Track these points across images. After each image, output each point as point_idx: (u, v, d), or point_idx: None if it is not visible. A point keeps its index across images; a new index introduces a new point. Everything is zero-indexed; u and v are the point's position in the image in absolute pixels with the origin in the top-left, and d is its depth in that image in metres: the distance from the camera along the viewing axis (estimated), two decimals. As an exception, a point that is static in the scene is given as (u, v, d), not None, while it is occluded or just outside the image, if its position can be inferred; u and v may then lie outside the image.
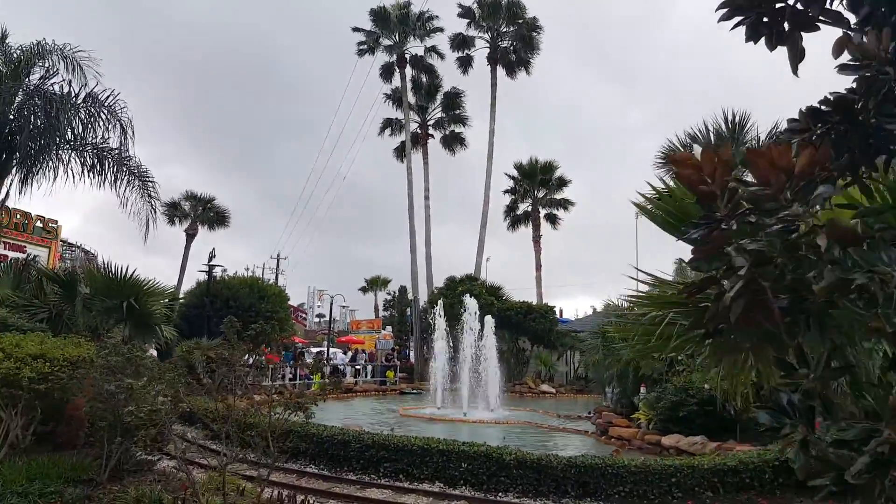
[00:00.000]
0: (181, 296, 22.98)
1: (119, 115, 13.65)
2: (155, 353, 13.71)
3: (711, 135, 15.04)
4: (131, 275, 10.98)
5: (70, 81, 13.14)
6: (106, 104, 12.62)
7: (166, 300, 11.94)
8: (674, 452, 11.68)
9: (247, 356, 8.86)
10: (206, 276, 20.35)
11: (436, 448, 8.81)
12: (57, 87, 12.73)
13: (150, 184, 14.58)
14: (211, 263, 20.20)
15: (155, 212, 14.55)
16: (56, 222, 28.21)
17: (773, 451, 8.04)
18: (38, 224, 22.91)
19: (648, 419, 12.99)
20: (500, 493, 8.12)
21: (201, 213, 40.55)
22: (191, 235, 40.34)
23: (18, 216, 22.08)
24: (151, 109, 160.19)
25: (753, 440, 11.14)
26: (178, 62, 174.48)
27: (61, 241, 53.44)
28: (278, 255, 62.36)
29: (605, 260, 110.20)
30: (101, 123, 12.66)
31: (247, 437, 8.27)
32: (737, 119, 14.76)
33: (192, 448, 10.57)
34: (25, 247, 21.74)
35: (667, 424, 12.28)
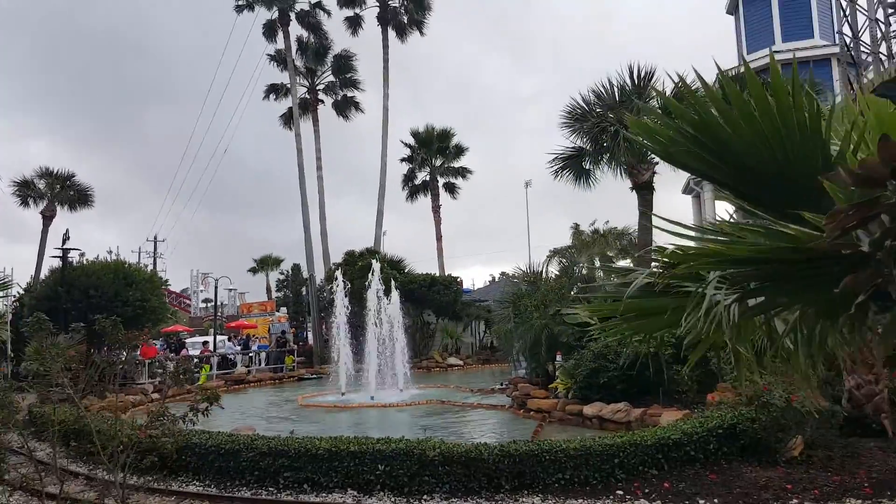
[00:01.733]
0: (29, 286, 19.58)
1: None
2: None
3: (616, 91, 14.54)
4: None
5: None
6: None
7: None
8: (596, 422, 11.17)
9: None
10: (61, 263, 17.23)
11: (346, 450, 7.46)
12: None
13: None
14: (65, 247, 17.09)
15: None
16: None
17: (715, 418, 7.48)
18: None
19: (567, 388, 12.42)
20: (424, 496, 6.96)
21: (59, 191, 35.41)
22: (48, 218, 35.12)
23: None
24: (5, 77, 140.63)
25: (676, 404, 10.84)
26: (35, 23, 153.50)
27: None
28: (155, 238, 56.97)
29: (499, 229, 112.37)
30: None
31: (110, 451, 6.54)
32: (642, 74, 14.33)
33: (44, 472, 8.50)
34: None
35: (586, 392, 11.75)
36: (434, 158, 36.68)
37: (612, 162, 14.68)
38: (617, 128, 13.80)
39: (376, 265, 20.55)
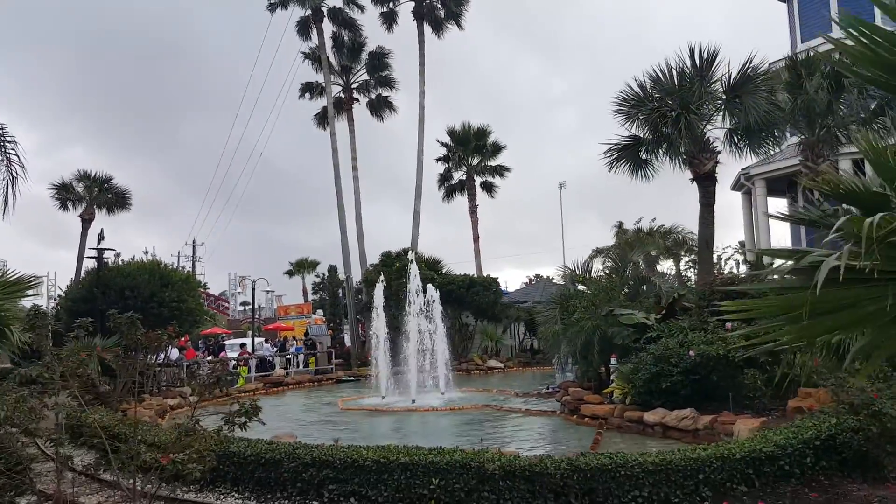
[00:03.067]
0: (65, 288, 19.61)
1: None
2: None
3: (675, 75, 13.59)
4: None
5: None
6: None
7: (18, 294, 9.12)
8: (659, 429, 10.32)
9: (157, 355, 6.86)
10: (96, 264, 17.13)
11: (395, 461, 6.81)
12: None
13: (9, 145, 11.55)
14: (100, 247, 16.97)
15: (15, 180, 11.55)
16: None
17: (809, 428, 6.59)
18: None
19: (624, 393, 11.55)
20: (484, 514, 6.26)
21: (97, 194, 35.89)
22: (87, 221, 35.62)
23: None
24: (46, 87, 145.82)
25: (747, 410, 9.91)
26: (75, 36, 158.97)
27: None
28: (194, 242, 57.78)
29: (531, 232, 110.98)
30: None
31: (149, 460, 6.05)
32: (704, 56, 13.33)
33: (77, 482, 8.12)
34: None
35: (646, 398, 10.87)
36: (471, 157, 35.97)
37: (671, 151, 13.73)
38: (679, 113, 12.86)
39: (413, 267, 19.94)
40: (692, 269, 40.78)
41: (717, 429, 9.31)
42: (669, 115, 13.11)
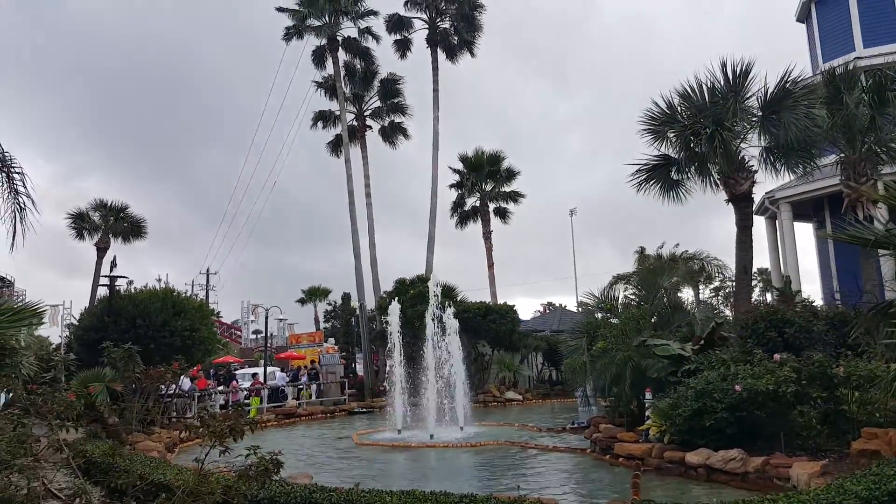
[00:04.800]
0: (77, 317, 19.19)
1: None
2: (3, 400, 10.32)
3: (706, 91, 13.09)
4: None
5: None
6: None
7: (24, 322, 8.66)
8: (703, 472, 9.49)
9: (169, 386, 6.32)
10: (108, 291, 16.72)
11: (423, 511, 6.13)
12: None
13: (17, 175, 11.17)
14: (112, 274, 16.61)
15: (23, 210, 11.14)
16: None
17: (893, 478, 5.83)
18: None
19: (661, 430, 10.75)
20: (524, 574, 5.54)
21: (113, 223, 35.85)
22: (102, 250, 35.51)
23: None
24: (62, 119, 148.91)
25: (799, 451, 9.10)
26: (88, 71, 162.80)
27: None
28: (207, 271, 57.70)
29: (540, 258, 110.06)
30: None
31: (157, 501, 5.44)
32: (737, 70, 12.81)
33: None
34: None
35: (687, 436, 10.08)
36: (484, 183, 35.64)
37: (704, 171, 13.14)
38: (714, 130, 12.29)
39: (433, 293, 19.31)
40: (716, 297, 39.94)
41: (770, 472, 8.52)
42: (703, 133, 12.54)
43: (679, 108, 13.48)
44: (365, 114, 34.40)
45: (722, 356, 10.74)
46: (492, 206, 35.97)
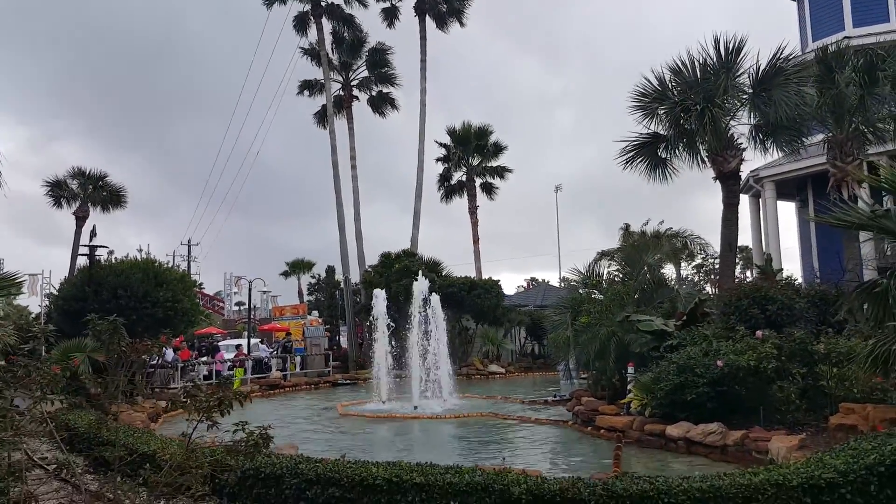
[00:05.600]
0: (56, 289, 18.86)
1: None
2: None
3: (698, 67, 12.99)
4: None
5: None
6: None
7: (4, 293, 8.44)
8: (683, 444, 9.70)
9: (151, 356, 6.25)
10: (88, 261, 16.43)
11: (409, 481, 6.17)
12: None
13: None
14: (92, 244, 16.28)
15: None
16: None
17: (870, 451, 5.98)
18: None
19: (643, 404, 10.92)
20: (508, 543, 5.61)
21: (92, 192, 35.09)
22: (81, 218, 34.81)
23: None
24: (36, 85, 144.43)
25: (778, 426, 9.28)
26: (65, 35, 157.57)
27: None
28: (189, 241, 57.04)
29: (525, 234, 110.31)
30: None
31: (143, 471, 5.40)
32: (729, 46, 12.70)
33: (62, 491, 7.44)
34: None
35: (668, 409, 10.25)
36: (471, 157, 35.39)
37: (692, 148, 13.12)
38: (704, 107, 12.23)
39: (421, 278, 19.24)
40: (697, 274, 40.34)
41: (749, 446, 8.71)
42: (693, 110, 12.48)
43: (670, 85, 13.38)
44: (352, 84, 33.78)
45: (704, 332, 10.88)
46: (478, 181, 35.80)
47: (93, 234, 16.68)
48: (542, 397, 16.59)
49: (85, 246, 16.75)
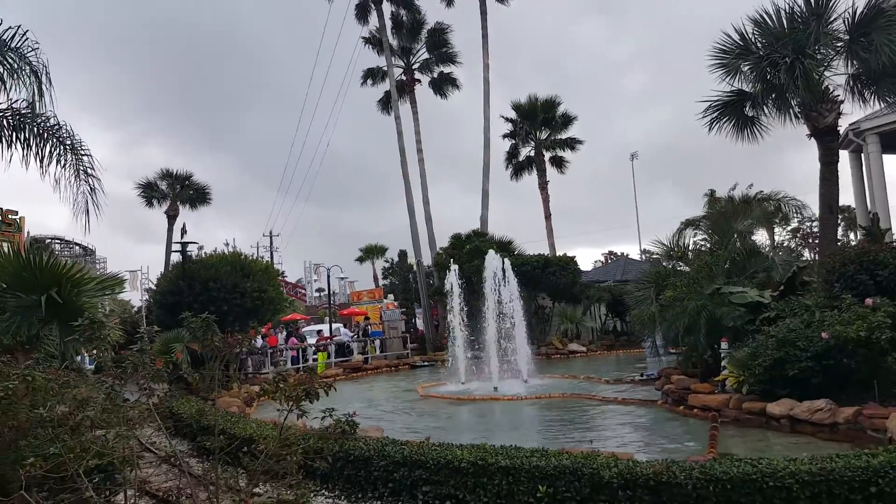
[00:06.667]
0: (154, 284, 20.11)
1: (30, 60, 10.41)
2: (90, 364, 10.87)
3: (784, 17, 11.90)
4: (49, 259, 8.07)
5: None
6: (11, 46, 9.36)
7: (108, 290, 9.05)
8: (786, 423, 9.07)
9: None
10: (181, 257, 17.43)
11: (495, 464, 6.06)
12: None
13: (85, 157, 11.48)
14: (183, 241, 17.25)
15: (94, 192, 11.49)
16: (16, 213, 25.23)
17: None
18: (-5, 217, 19.90)
19: (739, 381, 10.30)
20: (602, 530, 5.41)
21: (180, 191, 37.34)
22: (171, 217, 37.19)
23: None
24: (117, 90, 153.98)
25: (894, 401, 8.50)
26: (143, 40, 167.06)
27: (56, 238, 50.02)
28: (271, 233, 59.53)
29: (598, 206, 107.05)
30: (9, 72, 9.44)
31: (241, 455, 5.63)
32: (820, -9, 11.51)
33: (170, 473, 7.92)
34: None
35: (768, 386, 9.62)
36: (539, 131, 34.57)
37: (782, 104, 12.09)
38: (793, 59, 11.21)
39: (490, 254, 19.11)
40: (793, 240, 37.74)
41: (863, 423, 8.03)
42: (782, 63, 11.44)
43: (753, 38, 12.34)
44: (413, 67, 33.77)
45: (805, 302, 10.10)
46: (547, 155, 34.97)
47: (183, 231, 17.68)
48: (628, 376, 16.09)
49: (177, 243, 17.79)
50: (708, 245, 14.38)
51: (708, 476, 5.32)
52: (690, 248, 14.71)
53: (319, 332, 28.87)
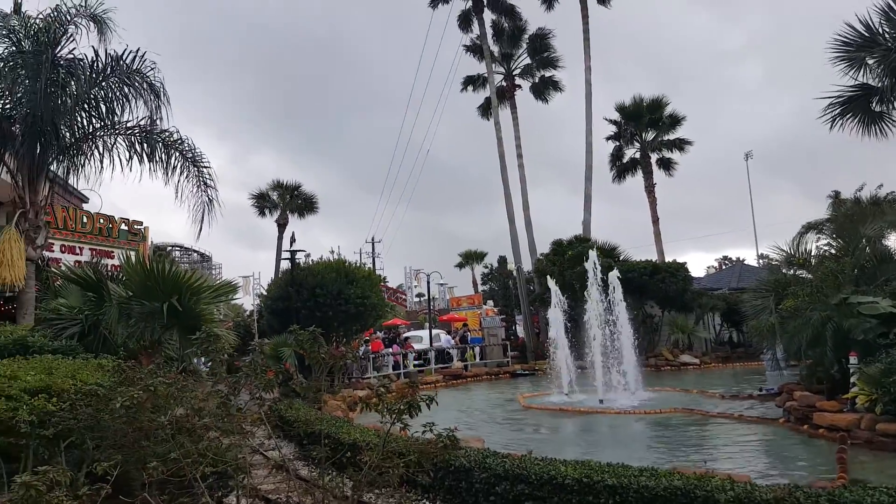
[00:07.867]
0: (265, 289, 21.46)
1: (152, 81, 11.60)
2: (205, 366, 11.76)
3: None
4: (170, 269, 8.87)
5: (99, 51, 11.19)
6: (135, 69, 10.56)
7: (223, 297, 9.82)
8: (932, 450, 8.06)
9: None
10: (290, 265, 18.52)
11: (601, 482, 5.88)
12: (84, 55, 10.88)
13: (205, 170, 12.59)
14: (292, 249, 18.33)
15: (211, 203, 12.56)
16: (141, 224, 27.96)
17: None
18: (123, 227, 22.17)
19: (871, 400, 9.31)
20: (717, 559, 5.08)
21: (289, 201, 39.78)
22: (282, 225, 39.71)
23: (101, 220, 21.39)
24: (227, 102, 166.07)
25: None
26: (247, 52, 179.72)
27: (177, 246, 55.23)
28: (373, 239, 61.66)
29: (711, 208, 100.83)
30: (135, 94, 10.61)
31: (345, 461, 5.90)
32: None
33: (277, 475, 8.41)
34: (113, 252, 21.02)
35: (906, 407, 8.60)
36: (644, 132, 33.33)
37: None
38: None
39: (592, 254, 18.65)
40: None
41: None
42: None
43: (880, 29, 11.15)
44: (514, 73, 33.80)
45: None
46: (654, 157, 33.63)
47: (292, 240, 18.82)
48: (746, 391, 15.00)
49: (286, 251, 18.91)
50: (833, 251, 13.12)
51: (836, 502, 4.85)
52: (813, 253, 13.48)
53: (407, 339, 29.31)
